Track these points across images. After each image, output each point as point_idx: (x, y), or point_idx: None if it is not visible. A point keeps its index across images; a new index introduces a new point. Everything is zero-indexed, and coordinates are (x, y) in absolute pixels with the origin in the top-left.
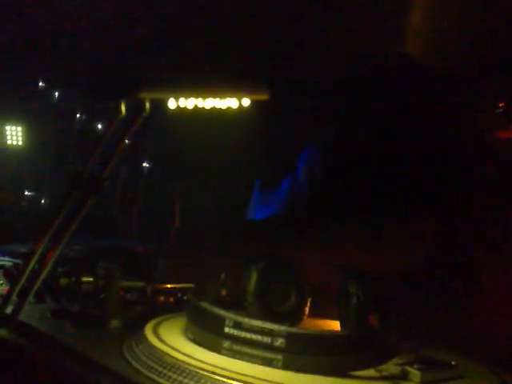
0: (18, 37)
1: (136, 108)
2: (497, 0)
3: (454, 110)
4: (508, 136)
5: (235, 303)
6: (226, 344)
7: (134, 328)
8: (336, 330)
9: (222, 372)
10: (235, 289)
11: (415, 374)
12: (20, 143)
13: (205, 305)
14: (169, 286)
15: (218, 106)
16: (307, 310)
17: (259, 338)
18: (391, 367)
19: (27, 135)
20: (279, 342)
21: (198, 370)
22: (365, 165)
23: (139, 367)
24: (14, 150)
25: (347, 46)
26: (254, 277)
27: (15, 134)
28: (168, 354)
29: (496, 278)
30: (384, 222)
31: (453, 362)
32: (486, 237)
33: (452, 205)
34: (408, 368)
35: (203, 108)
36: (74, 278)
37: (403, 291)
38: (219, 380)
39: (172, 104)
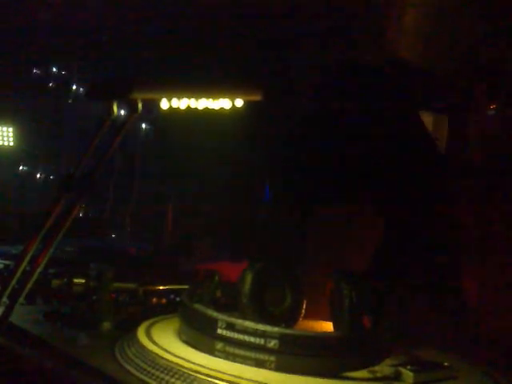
0: (10, 36)
1: (128, 108)
2: (487, 5)
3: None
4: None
5: (230, 305)
6: (219, 346)
7: (126, 330)
8: (329, 331)
9: (215, 374)
10: (230, 290)
11: (408, 374)
12: (11, 144)
13: (197, 306)
14: (161, 287)
15: (210, 107)
16: (303, 311)
17: (252, 339)
18: (384, 368)
19: (18, 136)
20: (272, 343)
21: (190, 372)
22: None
23: (131, 369)
24: (5, 150)
25: (341, 48)
26: (249, 278)
27: (6, 135)
28: (160, 356)
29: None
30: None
31: (445, 363)
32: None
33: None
34: (401, 369)
35: (196, 108)
36: (65, 280)
37: (396, 292)
38: (212, 382)
39: (165, 104)
